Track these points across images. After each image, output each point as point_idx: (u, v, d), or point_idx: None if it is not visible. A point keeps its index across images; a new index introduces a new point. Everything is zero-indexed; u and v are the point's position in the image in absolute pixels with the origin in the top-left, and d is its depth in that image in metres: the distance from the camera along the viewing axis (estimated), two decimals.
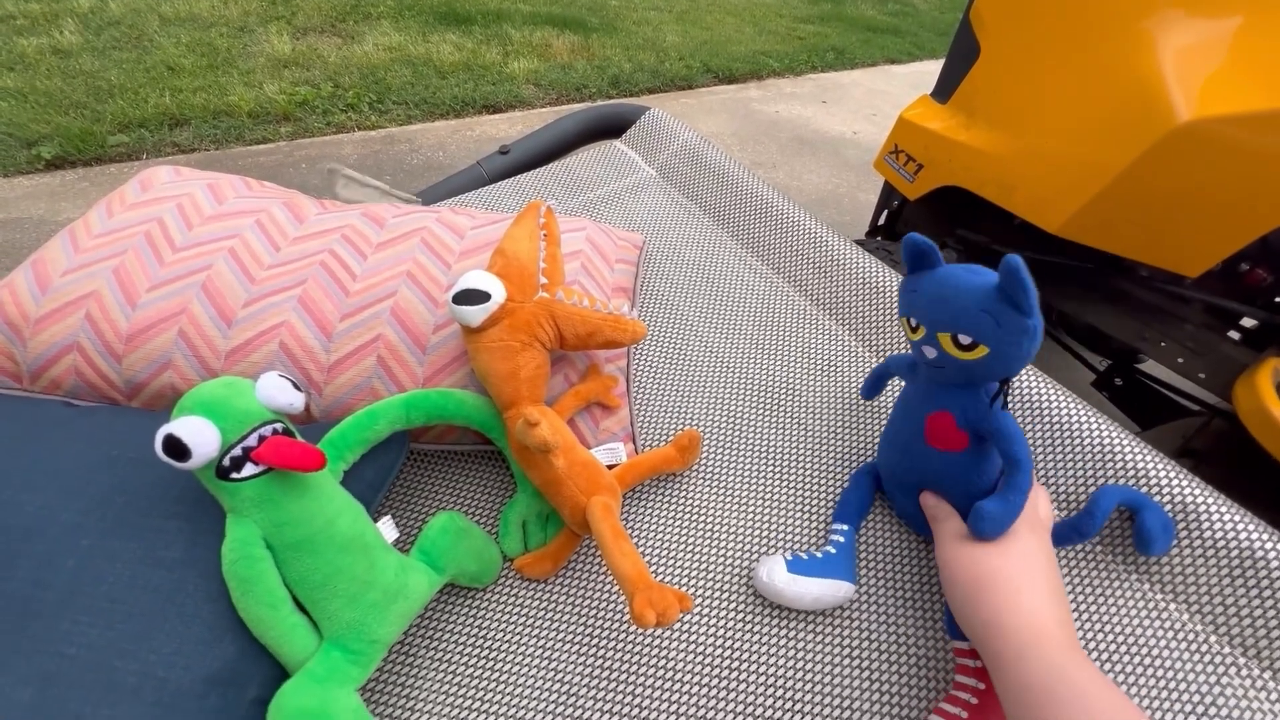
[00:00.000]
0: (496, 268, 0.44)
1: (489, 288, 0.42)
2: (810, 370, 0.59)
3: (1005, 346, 0.36)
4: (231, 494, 0.33)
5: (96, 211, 0.52)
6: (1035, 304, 0.34)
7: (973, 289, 0.36)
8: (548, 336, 0.43)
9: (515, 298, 0.43)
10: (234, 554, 0.33)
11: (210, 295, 0.46)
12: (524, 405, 0.43)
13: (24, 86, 2.03)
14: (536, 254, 0.45)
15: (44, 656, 0.29)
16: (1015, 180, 0.87)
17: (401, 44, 2.75)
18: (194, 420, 0.32)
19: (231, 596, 0.33)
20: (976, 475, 0.42)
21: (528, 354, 0.43)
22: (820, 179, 2.47)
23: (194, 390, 0.34)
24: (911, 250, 0.39)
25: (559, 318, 0.44)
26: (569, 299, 0.44)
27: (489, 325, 0.42)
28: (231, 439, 0.33)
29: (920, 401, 0.43)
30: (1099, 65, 0.78)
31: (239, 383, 0.35)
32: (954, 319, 0.37)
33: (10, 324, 0.45)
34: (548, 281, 0.45)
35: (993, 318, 0.35)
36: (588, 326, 0.44)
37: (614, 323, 0.45)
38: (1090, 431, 0.49)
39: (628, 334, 0.46)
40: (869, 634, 0.43)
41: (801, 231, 0.70)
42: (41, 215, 1.67)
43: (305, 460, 0.33)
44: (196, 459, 0.31)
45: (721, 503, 0.50)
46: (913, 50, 4.04)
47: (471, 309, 0.41)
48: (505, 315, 0.42)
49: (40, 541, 0.32)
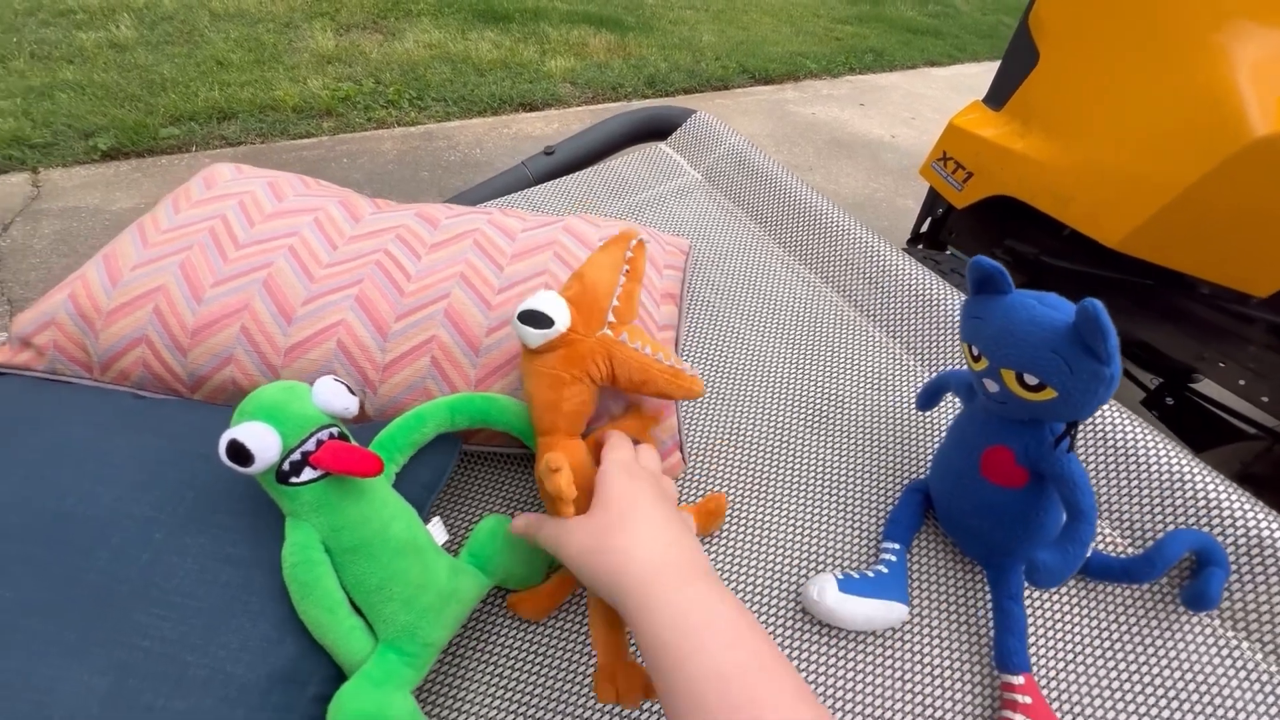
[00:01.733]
0: (570, 292, 0.42)
1: (555, 314, 0.40)
2: (859, 382, 0.58)
3: (1077, 392, 0.34)
4: (291, 498, 0.34)
5: (163, 207, 0.53)
6: (1115, 351, 0.32)
7: (1045, 326, 0.34)
8: (600, 374, 0.42)
9: (578, 329, 0.41)
10: (294, 558, 0.33)
11: (271, 292, 0.47)
12: (558, 437, 0.42)
13: (82, 79, 2.11)
14: (614, 288, 0.43)
15: (120, 648, 0.30)
16: (1072, 191, 0.85)
17: (441, 41, 2.78)
18: (256, 425, 0.32)
19: (292, 599, 0.33)
20: (1035, 513, 0.40)
21: (575, 388, 0.41)
22: (857, 183, 2.44)
23: (253, 395, 0.34)
24: (979, 274, 0.37)
25: (616, 360, 0.42)
26: (632, 342, 0.42)
27: (545, 350, 0.41)
28: (291, 443, 0.33)
29: (978, 432, 0.42)
30: (1167, 77, 0.75)
31: (297, 387, 0.35)
32: (1021, 358, 0.35)
33: (83, 315, 0.46)
34: (616, 321, 0.43)
35: (1065, 361, 0.33)
36: (644, 375, 0.42)
37: (671, 376, 0.43)
38: (1156, 456, 0.48)
39: (683, 390, 0.43)
40: (920, 658, 0.42)
41: (851, 239, 0.69)
42: (97, 205, 1.73)
43: (364, 465, 0.33)
44: (259, 464, 0.32)
45: (769, 516, 0.49)
46: (953, 53, 3.96)
47: (532, 331, 0.40)
48: (564, 345, 0.41)
49: (116, 534, 0.33)
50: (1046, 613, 0.44)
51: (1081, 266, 0.94)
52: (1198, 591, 0.41)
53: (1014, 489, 0.40)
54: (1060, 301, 0.36)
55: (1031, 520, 0.40)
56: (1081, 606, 0.44)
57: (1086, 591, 0.44)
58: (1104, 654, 0.42)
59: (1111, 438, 0.49)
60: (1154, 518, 0.46)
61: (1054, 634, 0.43)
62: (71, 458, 0.36)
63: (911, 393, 0.57)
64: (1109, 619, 0.43)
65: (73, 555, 0.32)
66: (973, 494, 0.42)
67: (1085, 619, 0.43)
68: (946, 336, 0.60)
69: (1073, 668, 0.41)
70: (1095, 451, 0.49)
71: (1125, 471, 0.48)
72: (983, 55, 4.01)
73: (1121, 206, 0.79)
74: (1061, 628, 0.43)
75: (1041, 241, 1.00)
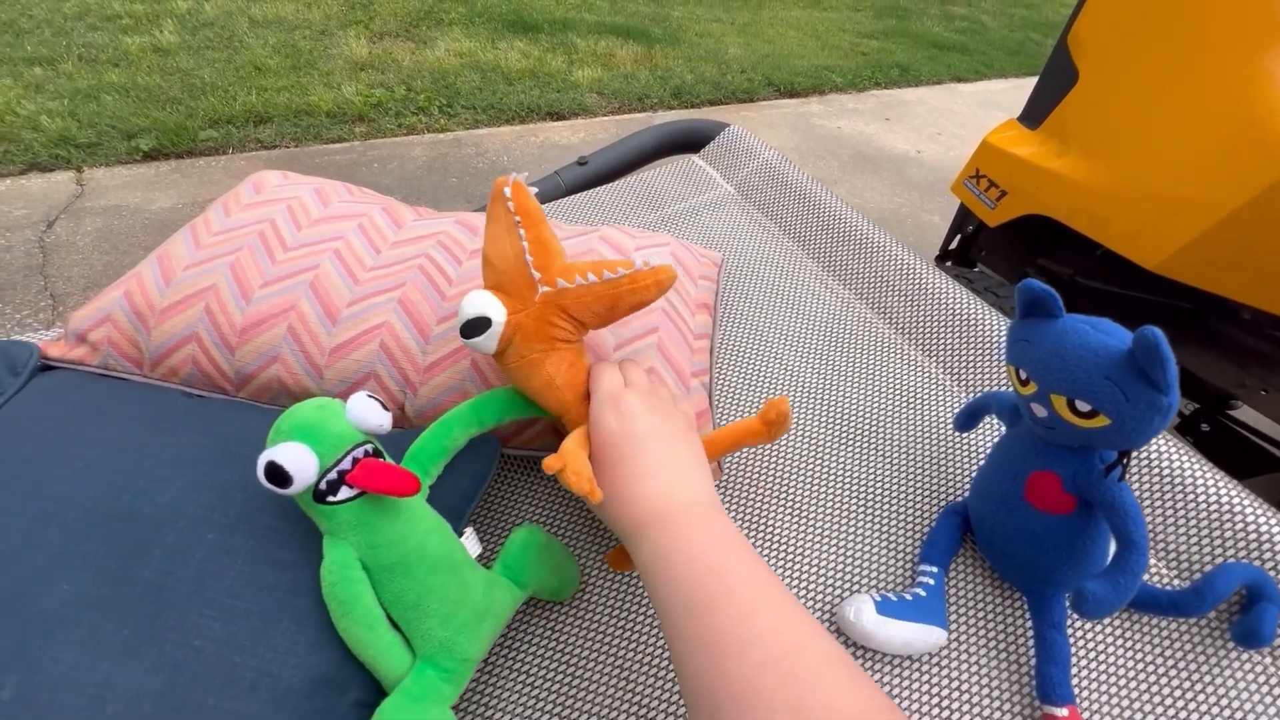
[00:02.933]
0: (489, 282, 0.40)
1: (486, 312, 0.38)
2: (894, 401, 0.58)
3: (1131, 421, 0.33)
4: (329, 517, 0.34)
5: (215, 210, 0.55)
6: (1175, 380, 0.31)
7: (1099, 352, 0.33)
8: (568, 330, 0.39)
9: (516, 308, 0.38)
10: (334, 576, 0.33)
11: (317, 293, 0.48)
12: (575, 412, 0.40)
13: (127, 82, 2.17)
14: (519, 248, 0.39)
15: (173, 646, 0.30)
16: (1110, 212, 0.83)
17: (471, 50, 2.83)
18: (293, 446, 0.32)
19: (331, 617, 0.33)
20: (1081, 541, 0.39)
21: (554, 358, 0.39)
22: (882, 198, 2.43)
23: (288, 414, 0.34)
24: (1029, 296, 0.37)
25: (570, 308, 0.38)
26: (571, 282, 0.38)
27: (505, 346, 0.39)
28: (327, 463, 0.33)
29: (1023, 455, 0.41)
30: (1212, 99, 0.74)
31: (331, 404, 0.35)
32: (1073, 383, 0.34)
33: (137, 313, 0.47)
34: (541, 275, 0.38)
35: (1120, 389, 0.32)
36: (604, 302, 0.39)
37: (630, 284, 0.38)
38: (1204, 486, 0.46)
39: (652, 289, 0.39)
40: (958, 684, 0.41)
41: (887, 256, 0.68)
42: (137, 204, 1.78)
43: (402, 485, 0.33)
44: (297, 485, 0.31)
45: (803, 534, 0.49)
46: (980, 69, 3.93)
47: (481, 339, 0.38)
48: (514, 330, 0.38)
49: (170, 532, 0.33)
50: (1089, 644, 0.43)
51: (1116, 288, 0.93)
52: (1249, 628, 0.40)
53: (1059, 515, 0.39)
54: (1114, 327, 0.35)
55: (1076, 548, 0.40)
56: (1125, 639, 0.43)
57: (1131, 624, 0.43)
58: (1150, 689, 0.41)
59: (1157, 466, 0.48)
60: (1202, 550, 0.45)
61: (1097, 666, 0.42)
62: (127, 454, 0.37)
63: (947, 413, 0.57)
64: (1154, 653, 0.42)
65: (129, 552, 0.33)
66: (1016, 519, 0.41)
67: (1129, 652, 0.42)
68: (983, 357, 0.60)
69: (1116, 702, 0.40)
70: (1140, 480, 0.48)
71: (1172, 501, 0.47)
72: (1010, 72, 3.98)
73: (1162, 228, 0.78)
74: (1105, 660, 0.42)
75: (1075, 262, 0.99)
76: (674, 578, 0.30)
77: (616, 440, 0.36)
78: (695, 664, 0.28)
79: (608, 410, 0.37)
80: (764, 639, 0.27)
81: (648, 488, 0.34)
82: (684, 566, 0.30)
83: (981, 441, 0.54)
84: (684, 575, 0.30)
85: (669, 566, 0.31)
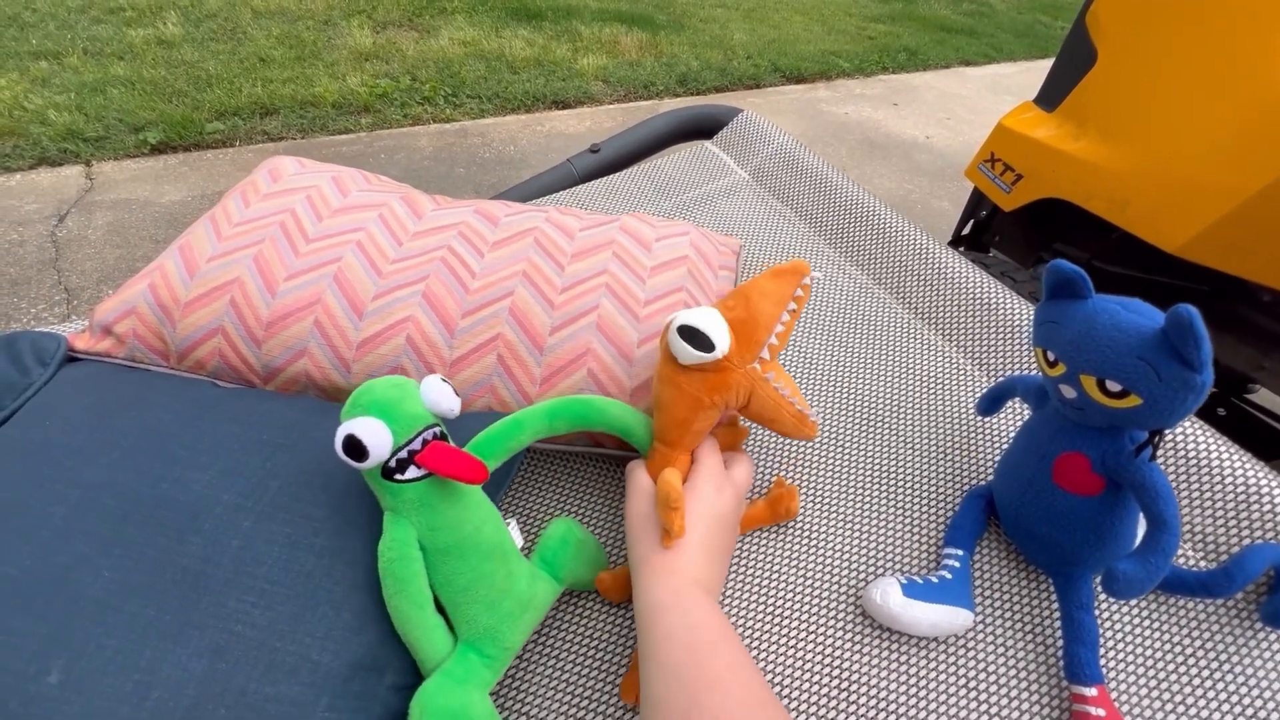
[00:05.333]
0: (733, 315, 0.42)
1: (717, 339, 0.39)
2: (916, 387, 0.58)
3: (1164, 400, 0.33)
4: (394, 494, 0.34)
5: (233, 200, 0.55)
6: (1209, 359, 0.31)
7: (1130, 332, 0.33)
8: (736, 404, 0.42)
9: (733, 359, 0.41)
10: (392, 553, 0.34)
11: (342, 287, 0.48)
12: (679, 452, 0.42)
13: (132, 75, 2.17)
14: (775, 322, 0.42)
15: (215, 632, 0.31)
16: (1129, 195, 0.83)
17: (475, 39, 2.81)
18: (371, 421, 0.32)
19: (384, 592, 0.34)
20: (1109, 522, 0.39)
21: (710, 412, 0.41)
22: (891, 184, 2.41)
23: (365, 389, 0.35)
24: (1057, 277, 0.36)
25: (756, 396, 0.42)
26: (776, 381, 0.42)
27: (693, 370, 0.41)
28: (400, 441, 0.33)
29: (1050, 437, 0.41)
30: (1234, 79, 0.73)
31: (407, 384, 0.36)
32: (1104, 364, 0.34)
33: (162, 306, 0.48)
34: (769, 358, 0.42)
35: (1152, 368, 0.32)
36: (775, 415, 0.42)
37: (797, 421, 0.43)
38: (1231, 468, 0.46)
39: (802, 433, 0.44)
40: (987, 665, 0.42)
41: (905, 241, 0.68)
42: (146, 197, 1.79)
43: (470, 472, 0.33)
44: (372, 459, 0.32)
45: (827, 520, 0.49)
46: (989, 52, 3.88)
47: (689, 349, 0.39)
48: (714, 370, 0.40)
49: (207, 520, 0.34)
50: (1116, 625, 0.43)
51: (1134, 271, 0.92)
52: (1278, 608, 0.40)
53: (1087, 497, 0.39)
54: (1145, 307, 0.35)
55: (1104, 529, 0.40)
56: (1152, 620, 0.43)
57: (1158, 605, 0.43)
58: (1177, 670, 0.41)
59: (1183, 448, 0.48)
60: (1229, 532, 0.45)
61: (1124, 647, 0.42)
62: (160, 443, 0.37)
63: (968, 397, 0.57)
64: (1182, 634, 0.42)
65: (167, 540, 0.33)
66: (1043, 501, 0.41)
67: (1157, 633, 0.42)
68: (1004, 341, 0.59)
69: (1144, 682, 0.41)
70: (1166, 463, 0.48)
71: (1198, 483, 0.46)
72: (1019, 55, 3.93)
73: (1183, 211, 0.77)
74: (1132, 641, 0.42)
75: (1091, 246, 0.98)
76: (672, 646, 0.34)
77: (704, 510, 0.40)
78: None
79: (713, 482, 0.42)
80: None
81: (693, 557, 0.38)
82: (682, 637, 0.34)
83: (1003, 426, 0.54)
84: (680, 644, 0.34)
85: (671, 624, 0.34)
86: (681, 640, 0.33)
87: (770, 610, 0.44)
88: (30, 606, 0.31)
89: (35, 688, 0.29)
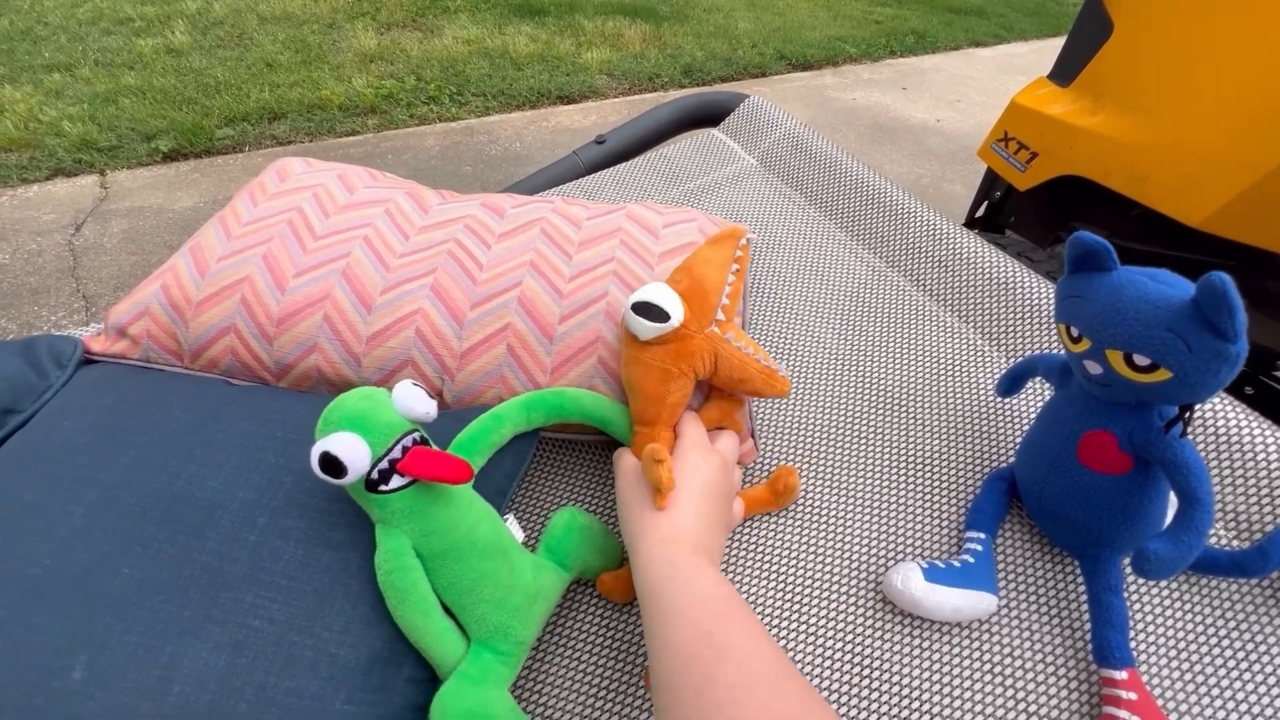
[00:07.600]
0: (681, 286, 0.43)
1: (670, 308, 0.41)
2: (933, 369, 0.57)
3: (1195, 373, 0.31)
4: (381, 506, 0.34)
5: (241, 200, 0.55)
6: (1243, 328, 0.30)
7: (1158, 303, 0.32)
8: (703, 370, 0.43)
9: (690, 326, 0.42)
10: (389, 565, 0.33)
11: (350, 282, 0.48)
12: (659, 428, 0.43)
13: (143, 85, 2.20)
14: (723, 284, 0.44)
15: (234, 627, 0.31)
16: (1149, 170, 0.80)
17: (479, 37, 2.81)
18: (345, 436, 0.32)
19: (388, 605, 0.34)
20: (1138, 501, 0.38)
21: (680, 382, 0.42)
22: (902, 169, 2.37)
23: (336, 404, 0.34)
24: (1080, 250, 0.35)
25: (721, 357, 0.43)
26: (737, 341, 0.43)
27: (655, 343, 0.42)
28: (379, 452, 0.33)
29: (1075, 415, 0.40)
30: (1255, 49, 0.71)
31: (377, 394, 0.35)
32: (1130, 337, 0.33)
33: (174, 306, 0.48)
34: (724, 318, 0.43)
35: (1182, 340, 0.31)
36: (743, 373, 0.43)
37: (767, 376, 0.44)
38: (1264, 444, 0.45)
39: (774, 389, 0.45)
40: (1012, 650, 0.41)
41: (919, 222, 0.67)
42: (160, 204, 1.81)
43: (454, 473, 0.33)
44: (351, 474, 0.32)
45: (845, 505, 0.48)
46: (999, 32, 3.82)
47: (645, 323, 0.41)
48: (674, 339, 0.42)
49: (224, 516, 0.34)
50: (1145, 607, 0.42)
51: (1156, 248, 0.90)
52: None
53: (1115, 476, 0.38)
54: (1173, 277, 0.34)
55: (1133, 509, 0.39)
56: (1184, 601, 0.42)
57: (1189, 585, 0.42)
58: (1210, 652, 0.40)
59: (1213, 425, 0.46)
60: (1262, 510, 0.43)
61: (1155, 630, 0.41)
62: (176, 441, 0.38)
63: (987, 378, 0.55)
64: (1214, 614, 0.41)
65: (185, 536, 0.33)
66: (1068, 481, 0.40)
67: (1188, 614, 0.41)
68: (1023, 321, 0.58)
69: (1176, 665, 0.39)
70: (1195, 439, 0.47)
71: (1229, 460, 0.45)
72: (1030, 34, 3.86)
73: (1205, 184, 0.75)
74: (1162, 623, 0.41)
75: (1110, 223, 0.95)
76: (676, 609, 0.32)
77: (693, 478, 0.39)
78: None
79: (698, 450, 0.41)
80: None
81: (686, 524, 0.37)
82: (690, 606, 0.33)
83: (1024, 406, 0.53)
84: (687, 608, 0.32)
85: (674, 596, 0.33)
86: (688, 614, 0.31)
87: (790, 597, 0.43)
88: (53, 604, 0.31)
89: (60, 683, 0.29)
